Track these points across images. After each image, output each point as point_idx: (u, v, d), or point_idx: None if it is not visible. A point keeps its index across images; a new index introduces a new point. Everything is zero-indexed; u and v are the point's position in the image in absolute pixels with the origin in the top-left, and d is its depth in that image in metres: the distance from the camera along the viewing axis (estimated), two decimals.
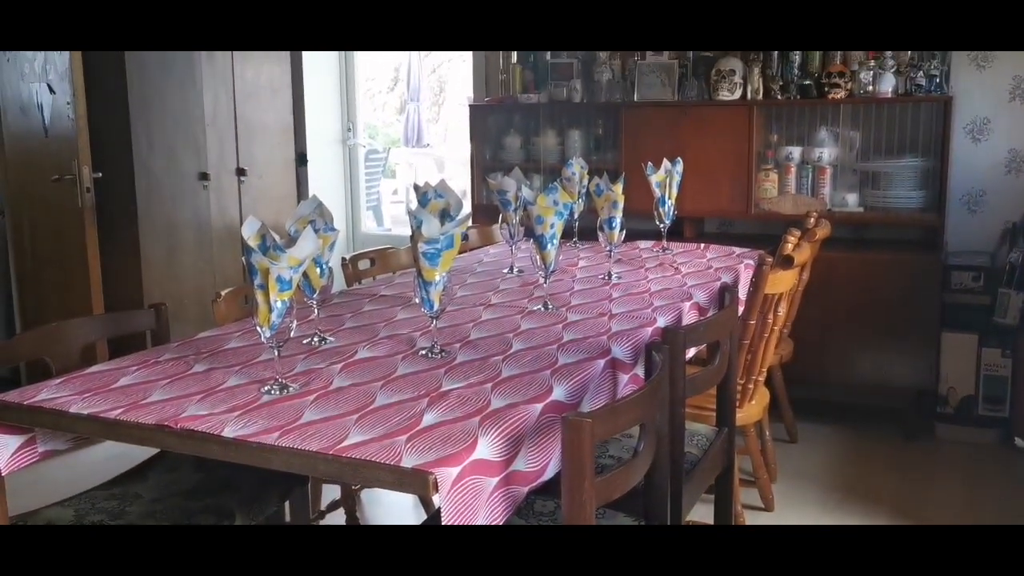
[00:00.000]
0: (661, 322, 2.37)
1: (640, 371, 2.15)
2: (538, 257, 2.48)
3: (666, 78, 4.15)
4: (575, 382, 1.90)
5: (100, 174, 3.84)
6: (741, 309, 2.93)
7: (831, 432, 3.87)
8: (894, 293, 3.61)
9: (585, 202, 3.51)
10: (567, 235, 3.14)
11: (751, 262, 3.20)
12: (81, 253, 3.72)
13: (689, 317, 2.53)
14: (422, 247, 1.99)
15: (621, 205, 2.89)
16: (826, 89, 3.76)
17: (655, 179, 3.30)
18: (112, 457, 2.69)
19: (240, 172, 4.72)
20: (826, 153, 3.82)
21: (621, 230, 2.92)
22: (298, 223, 2.15)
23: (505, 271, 3.08)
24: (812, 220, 3.46)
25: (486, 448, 1.56)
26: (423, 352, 2.09)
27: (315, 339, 2.20)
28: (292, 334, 1.87)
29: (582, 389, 1.91)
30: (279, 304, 1.81)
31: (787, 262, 2.77)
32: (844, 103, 3.80)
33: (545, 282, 2.53)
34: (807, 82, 3.81)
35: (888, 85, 3.70)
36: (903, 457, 3.65)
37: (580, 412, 1.63)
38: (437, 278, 2.03)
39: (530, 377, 1.90)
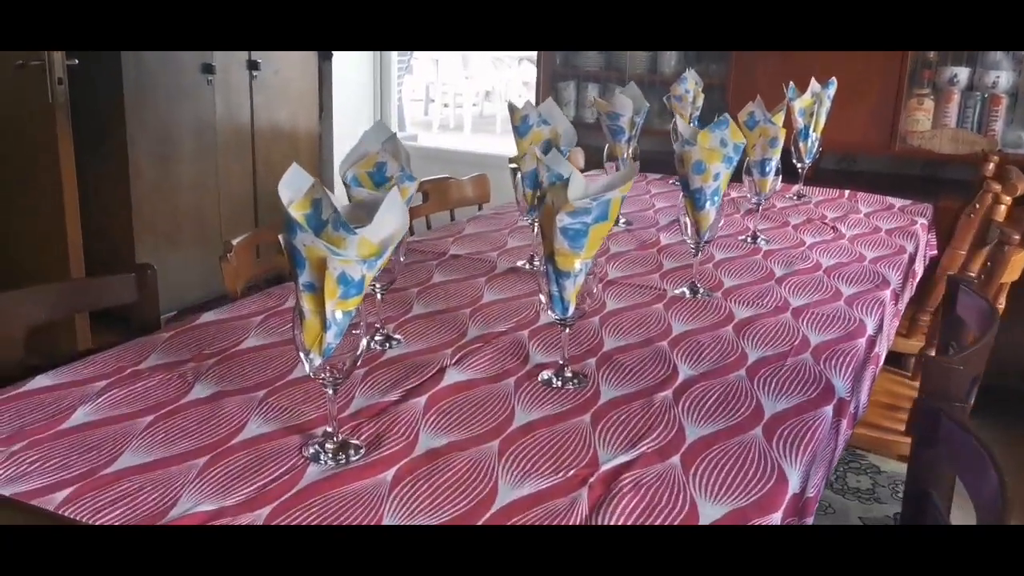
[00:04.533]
0: (869, 326, 1.64)
1: (853, 407, 1.43)
2: (688, 219, 1.73)
3: None
4: (802, 453, 1.17)
5: (76, 61, 3.03)
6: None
7: None
8: None
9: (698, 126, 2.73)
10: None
11: (924, 221, 2.44)
12: (51, 164, 2.93)
13: (890, 311, 1.80)
14: (562, 219, 1.24)
15: (781, 143, 2.11)
16: None
17: (799, 105, 2.52)
18: None
19: (252, 65, 3.90)
20: (1003, 78, 3.00)
21: (776, 175, 2.15)
22: (359, 166, 1.39)
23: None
24: (991, 165, 2.68)
25: None
26: (548, 378, 1.36)
27: (376, 338, 1.47)
28: (359, 361, 1.13)
29: (810, 461, 1.19)
30: (339, 316, 1.07)
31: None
32: None
33: (697, 254, 1.78)
34: None
35: None
36: None
37: None
38: (578, 266, 1.28)
39: (735, 446, 1.18)
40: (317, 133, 4.33)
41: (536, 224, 1.91)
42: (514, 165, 2.97)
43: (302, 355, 1.10)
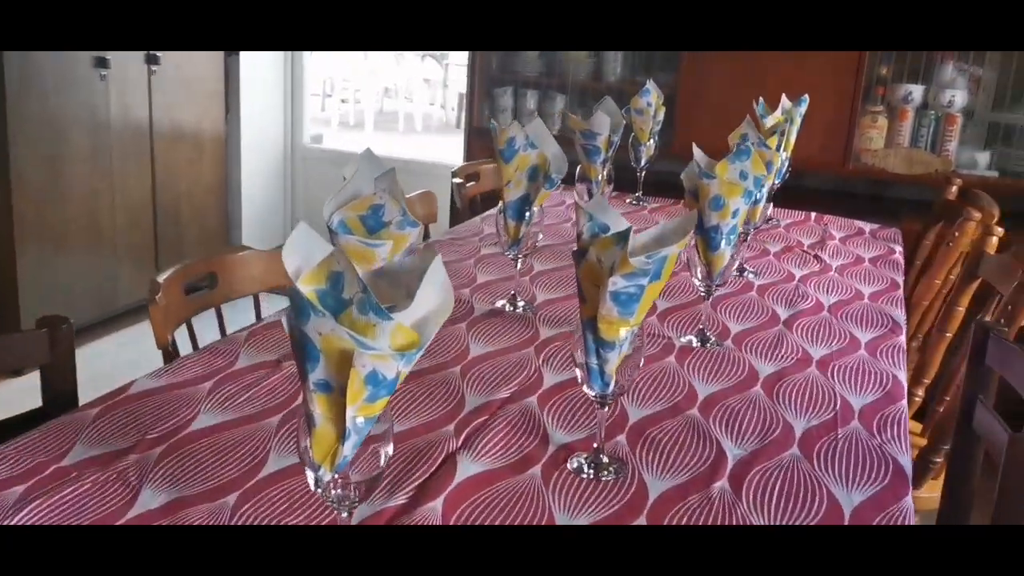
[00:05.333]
0: (903, 379, 1.48)
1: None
2: (699, 259, 1.53)
3: None
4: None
5: None
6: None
7: None
8: None
9: (657, 143, 2.56)
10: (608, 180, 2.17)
11: (899, 248, 2.33)
12: None
13: (902, 353, 1.65)
14: (616, 283, 1.01)
15: (776, 167, 1.94)
16: None
17: (770, 122, 2.36)
18: None
19: (151, 59, 3.51)
20: (958, 97, 2.93)
21: (768, 201, 1.99)
22: (349, 208, 1.13)
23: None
24: (954, 188, 2.60)
25: None
26: (579, 465, 1.13)
27: None
28: (382, 480, 0.88)
29: None
30: (360, 423, 0.81)
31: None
32: None
33: (708, 298, 1.58)
34: None
35: None
36: None
37: None
38: (623, 334, 1.06)
39: None
40: (224, 135, 3.97)
41: (519, 259, 1.69)
42: (458, 179, 2.74)
43: (309, 472, 0.84)
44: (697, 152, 1.50)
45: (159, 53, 3.52)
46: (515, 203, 1.62)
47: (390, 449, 0.87)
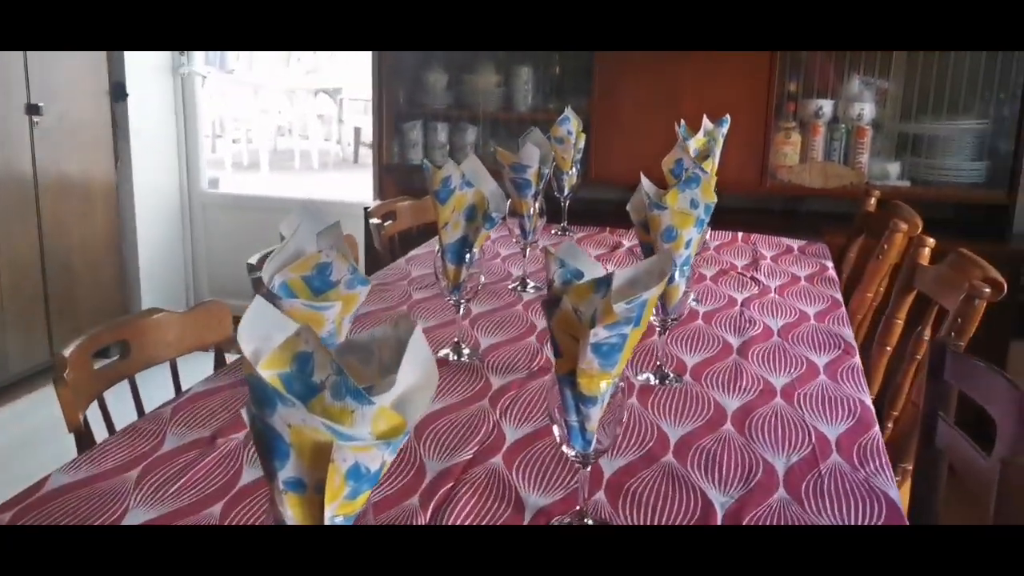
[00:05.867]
0: (868, 402, 1.44)
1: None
2: None
3: None
4: None
5: None
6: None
7: None
8: None
9: (579, 171, 2.51)
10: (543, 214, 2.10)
11: (829, 263, 2.33)
12: None
13: (861, 375, 1.61)
14: (597, 334, 0.93)
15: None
16: None
17: (694, 145, 2.33)
18: None
19: (32, 109, 3.28)
20: (867, 110, 2.97)
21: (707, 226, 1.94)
22: (292, 268, 1.01)
23: (512, 286, 2.02)
24: (872, 200, 2.63)
25: None
26: (565, 522, 1.04)
27: None
28: None
29: None
30: (339, 523, 0.70)
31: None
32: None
33: (661, 335, 1.52)
34: None
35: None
36: None
37: None
38: (603, 387, 0.98)
39: None
40: (115, 184, 3.74)
41: (461, 304, 1.59)
42: (376, 220, 2.63)
43: None
44: (645, 181, 1.44)
45: (40, 102, 3.29)
46: (454, 245, 1.52)
47: None
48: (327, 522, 0.70)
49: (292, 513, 0.70)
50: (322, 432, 0.66)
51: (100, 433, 1.38)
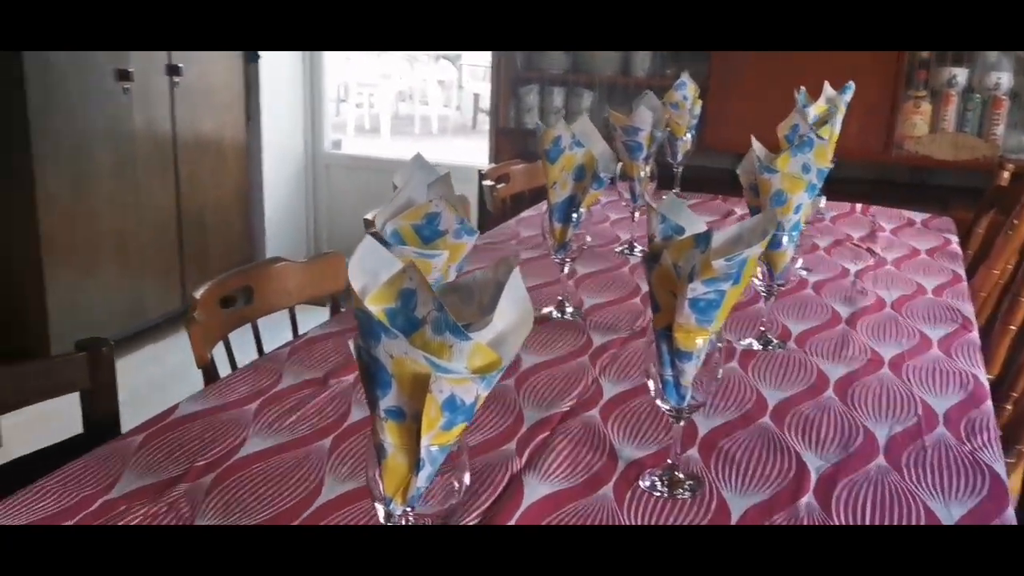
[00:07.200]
0: (983, 379, 1.40)
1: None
2: (762, 258, 1.45)
3: None
4: None
5: None
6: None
7: None
8: None
9: (694, 138, 2.48)
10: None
11: (955, 238, 2.24)
12: None
13: (977, 351, 1.56)
14: (695, 289, 0.94)
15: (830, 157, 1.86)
16: None
17: (813, 112, 2.28)
18: None
19: (172, 70, 3.46)
20: (1004, 79, 2.83)
21: (820, 194, 1.90)
22: (403, 217, 1.06)
23: (619, 249, 2.04)
24: (1006, 174, 2.51)
25: None
26: (651, 483, 1.06)
27: None
28: (457, 512, 0.81)
29: None
30: (434, 451, 0.75)
31: None
32: None
33: (767, 301, 1.51)
34: None
35: None
36: None
37: None
38: (700, 343, 0.99)
39: None
40: (245, 143, 3.92)
41: (566, 264, 1.62)
42: (489, 182, 2.67)
43: (378, 506, 0.78)
44: (756, 145, 1.42)
45: (180, 64, 3.47)
46: (561, 204, 1.55)
47: (466, 479, 0.80)
48: (423, 452, 0.74)
49: (392, 440, 0.75)
50: (421, 364, 0.70)
51: (225, 372, 1.47)
